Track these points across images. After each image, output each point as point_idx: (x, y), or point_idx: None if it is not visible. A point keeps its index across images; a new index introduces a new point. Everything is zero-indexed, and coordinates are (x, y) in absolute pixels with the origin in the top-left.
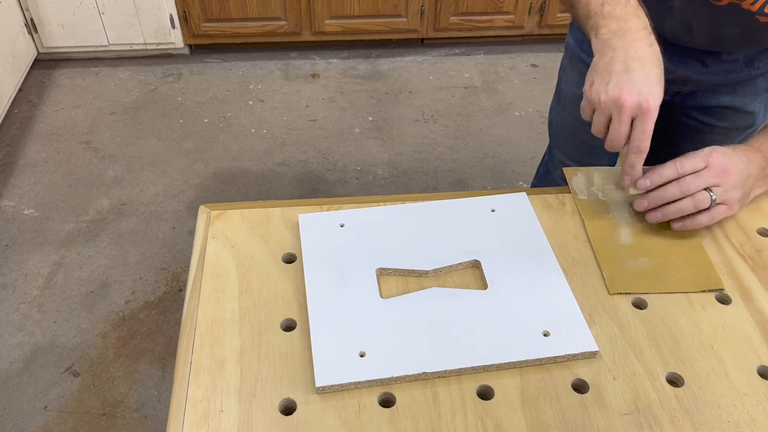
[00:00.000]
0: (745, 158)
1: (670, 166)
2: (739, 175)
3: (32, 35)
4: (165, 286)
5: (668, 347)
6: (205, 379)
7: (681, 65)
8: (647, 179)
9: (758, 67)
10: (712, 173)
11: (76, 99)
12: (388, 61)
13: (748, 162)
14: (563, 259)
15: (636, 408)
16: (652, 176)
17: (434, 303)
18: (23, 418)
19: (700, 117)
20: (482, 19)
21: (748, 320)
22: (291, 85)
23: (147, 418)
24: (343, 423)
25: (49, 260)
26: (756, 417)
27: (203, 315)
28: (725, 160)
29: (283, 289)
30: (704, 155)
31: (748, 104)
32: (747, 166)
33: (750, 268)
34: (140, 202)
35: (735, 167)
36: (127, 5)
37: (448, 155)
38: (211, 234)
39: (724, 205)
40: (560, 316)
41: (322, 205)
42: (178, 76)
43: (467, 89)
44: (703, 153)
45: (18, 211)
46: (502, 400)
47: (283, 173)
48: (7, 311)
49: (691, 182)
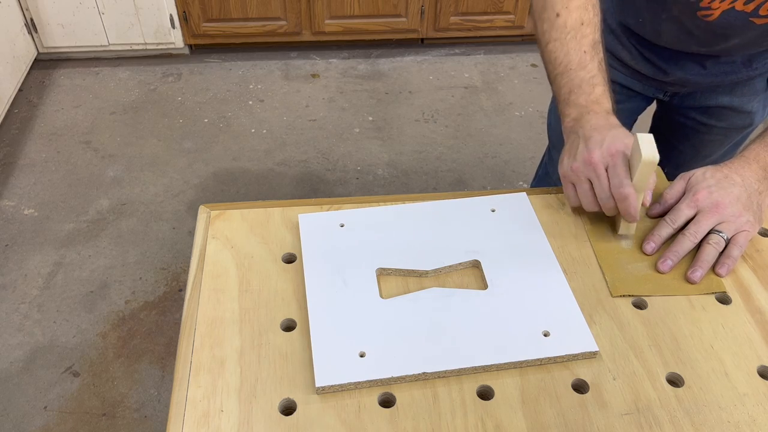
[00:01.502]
0: (738, 178)
1: (665, 225)
2: (737, 201)
3: (32, 35)
4: (165, 286)
5: (668, 347)
6: (205, 379)
7: (679, 68)
8: (651, 243)
9: (756, 67)
10: (706, 216)
11: (76, 99)
12: (388, 61)
13: (743, 180)
14: (563, 259)
15: (636, 408)
16: (653, 239)
17: (434, 303)
18: (23, 418)
19: (699, 117)
20: (482, 19)
21: (748, 320)
22: (291, 85)
23: (147, 418)
24: (343, 423)
25: (49, 260)
26: (756, 417)
27: (203, 315)
28: (715, 197)
29: (283, 289)
30: (690, 202)
31: (747, 104)
32: (743, 187)
33: (750, 268)
34: (140, 202)
35: (728, 197)
36: (127, 5)
37: (448, 155)
38: (211, 234)
39: (743, 232)
40: (560, 316)
41: (322, 205)
42: (178, 76)
43: (467, 89)
44: (687, 200)
45: (18, 211)
46: (502, 400)
47: (283, 173)
48: (7, 311)
49: (695, 230)
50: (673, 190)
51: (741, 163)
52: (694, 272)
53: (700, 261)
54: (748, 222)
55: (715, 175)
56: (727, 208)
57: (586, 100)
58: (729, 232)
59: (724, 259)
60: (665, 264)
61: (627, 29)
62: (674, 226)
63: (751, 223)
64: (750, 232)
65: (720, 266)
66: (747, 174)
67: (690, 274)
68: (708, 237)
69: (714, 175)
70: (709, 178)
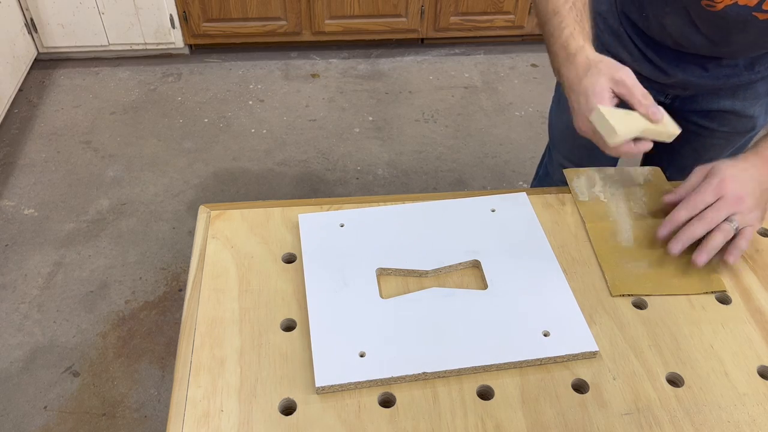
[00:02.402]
0: (756, 173)
1: (682, 209)
2: (753, 197)
3: (32, 35)
4: (165, 286)
5: (668, 347)
6: (205, 379)
7: (681, 70)
8: (665, 229)
9: (759, 71)
10: (727, 204)
11: (76, 99)
12: (388, 61)
13: (760, 176)
14: (563, 259)
15: (636, 408)
16: (667, 225)
17: (434, 303)
18: (23, 418)
19: (701, 121)
20: (482, 19)
21: (748, 320)
22: (291, 85)
23: (147, 418)
24: (343, 423)
25: (49, 260)
26: (756, 417)
27: (203, 315)
28: (737, 188)
29: (283, 289)
30: (714, 187)
31: (749, 108)
32: (758, 182)
33: (750, 268)
34: (140, 202)
35: (748, 191)
36: (127, 5)
37: (448, 155)
38: (211, 234)
39: (750, 227)
40: (560, 316)
41: (322, 205)
42: (178, 76)
43: (467, 89)
44: (712, 185)
45: (18, 211)
46: (502, 400)
47: (283, 173)
48: (7, 311)
49: (713, 216)
50: (689, 183)
51: (756, 159)
52: (700, 255)
53: (707, 246)
54: (756, 218)
55: (737, 165)
56: (745, 201)
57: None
58: (741, 223)
59: (731, 248)
60: (677, 245)
61: (630, 26)
62: (694, 212)
63: (758, 219)
64: (755, 228)
65: (729, 254)
66: (763, 169)
67: (695, 257)
68: (720, 225)
69: (736, 165)
70: (732, 167)
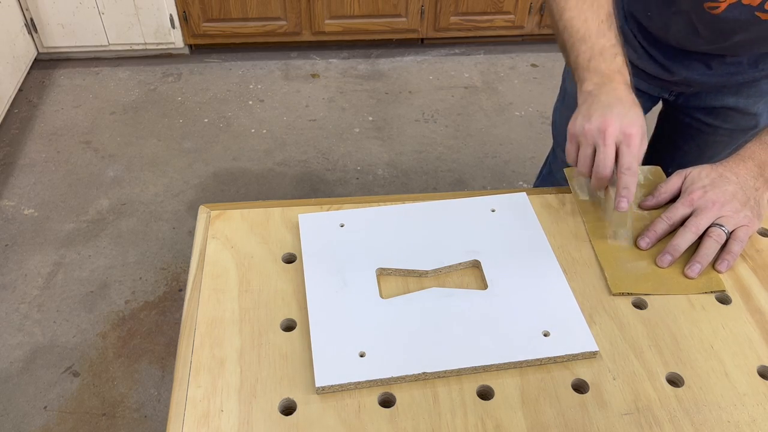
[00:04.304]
0: (732, 176)
1: (661, 222)
2: (734, 198)
3: (32, 35)
4: (165, 286)
5: (668, 347)
6: (205, 379)
7: (685, 68)
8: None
9: (763, 68)
10: (706, 212)
11: (76, 99)
12: (388, 61)
13: (738, 178)
14: (563, 259)
15: (636, 408)
16: (648, 234)
17: (434, 303)
18: (23, 418)
19: (704, 118)
20: (482, 19)
21: (748, 320)
22: (291, 85)
23: (147, 418)
24: (343, 423)
25: (48, 260)
26: (756, 417)
27: (203, 315)
28: (708, 195)
29: (283, 289)
30: (685, 201)
31: (752, 105)
32: (738, 184)
33: (750, 268)
34: (140, 202)
35: (723, 195)
36: (127, 5)
37: (448, 155)
38: (211, 234)
39: (743, 227)
40: (560, 316)
41: (322, 205)
42: (178, 76)
43: (467, 89)
44: (683, 200)
45: (18, 211)
46: (502, 400)
47: (283, 173)
48: (7, 311)
49: (696, 223)
50: (669, 185)
51: (736, 161)
52: (692, 267)
53: (699, 255)
54: (746, 217)
55: (710, 174)
56: (724, 205)
57: (608, 68)
58: (729, 226)
59: (724, 255)
60: (664, 259)
61: (635, 24)
62: (670, 223)
63: (749, 218)
64: (749, 227)
65: (720, 263)
66: (742, 172)
67: (687, 270)
68: (709, 230)
69: (709, 174)
70: (704, 177)
